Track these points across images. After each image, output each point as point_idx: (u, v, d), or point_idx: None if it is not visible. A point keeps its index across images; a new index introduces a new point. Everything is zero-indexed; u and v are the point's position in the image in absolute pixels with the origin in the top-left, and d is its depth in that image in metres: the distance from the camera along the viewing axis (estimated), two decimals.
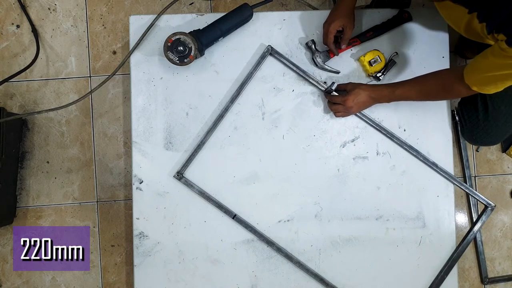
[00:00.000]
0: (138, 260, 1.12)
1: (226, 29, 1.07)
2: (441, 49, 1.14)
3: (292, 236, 1.13)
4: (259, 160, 1.13)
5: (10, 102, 1.60)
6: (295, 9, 1.57)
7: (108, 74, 1.47)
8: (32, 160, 1.59)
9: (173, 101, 1.12)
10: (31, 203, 1.58)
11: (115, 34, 1.60)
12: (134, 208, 1.12)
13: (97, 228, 1.57)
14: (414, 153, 1.12)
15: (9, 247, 1.57)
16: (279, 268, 1.13)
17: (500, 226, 1.62)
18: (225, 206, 1.11)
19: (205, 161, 1.12)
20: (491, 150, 1.63)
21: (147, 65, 1.12)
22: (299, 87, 1.13)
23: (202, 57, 1.10)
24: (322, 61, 1.10)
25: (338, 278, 1.13)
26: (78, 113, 1.60)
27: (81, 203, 1.57)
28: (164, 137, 1.12)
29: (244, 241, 1.12)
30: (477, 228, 1.17)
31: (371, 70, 1.11)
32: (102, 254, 1.57)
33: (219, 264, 1.13)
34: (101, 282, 1.57)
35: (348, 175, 1.13)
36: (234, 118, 1.12)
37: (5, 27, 1.61)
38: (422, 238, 1.14)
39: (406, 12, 1.12)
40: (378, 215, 1.14)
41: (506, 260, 1.61)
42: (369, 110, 1.12)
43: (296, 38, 1.13)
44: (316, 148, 1.13)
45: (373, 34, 1.12)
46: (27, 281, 1.57)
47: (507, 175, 1.63)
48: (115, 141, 1.58)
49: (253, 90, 1.12)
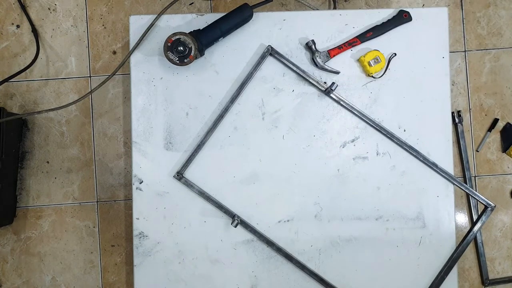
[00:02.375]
0: (138, 260, 1.12)
1: (226, 29, 1.07)
2: (441, 49, 1.14)
3: (292, 236, 1.13)
4: (259, 160, 1.13)
5: (10, 102, 1.60)
6: (295, 9, 1.57)
7: (108, 74, 1.48)
8: (32, 160, 1.59)
9: (173, 101, 1.12)
10: (31, 203, 1.58)
11: (115, 34, 1.60)
12: (134, 208, 1.12)
13: (97, 228, 1.57)
14: (414, 153, 1.12)
15: (9, 247, 1.57)
16: (279, 268, 1.13)
17: (500, 226, 1.62)
18: (225, 206, 1.11)
19: (205, 161, 1.12)
20: (491, 150, 1.63)
21: (147, 65, 1.12)
22: (299, 87, 1.13)
23: (202, 57, 1.11)
24: (322, 61, 1.10)
25: (338, 278, 1.13)
26: (78, 113, 1.60)
27: (81, 203, 1.58)
28: (164, 137, 1.12)
29: (244, 241, 1.12)
30: (477, 228, 1.17)
31: (371, 70, 1.11)
32: (102, 254, 1.57)
33: (219, 264, 1.13)
34: (101, 282, 1.57)
35: (348, 175, 1.14)
36: (234, 118, 1.12)
37: (5, 27, 1.62)
38: (422, 238, 1.14)
39: (406, 12, 1.12)
40: (378, 215, 1.14)
41: (506, 260, 1.61)
42: (369, 110, 1.13)
43: (296, 38, 1.13)
44: (316, 148, 1.13)
45: (373, 34, 1.12)
46: (27, 281, 1.57)
47: (507, 175, 1.63)
48: (115, 141, 1.58)
49: (253, 90, 1.12)
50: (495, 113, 1.64)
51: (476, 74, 1.64)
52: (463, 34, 1.63)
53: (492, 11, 1.65)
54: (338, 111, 1.13)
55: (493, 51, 1.64)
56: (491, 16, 1.65)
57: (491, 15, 1.65)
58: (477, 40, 1.64)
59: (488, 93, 1.64)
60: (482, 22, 1.65)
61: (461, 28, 1.64)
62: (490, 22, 1.65)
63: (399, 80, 1.13)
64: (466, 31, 1.64)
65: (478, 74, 1.64)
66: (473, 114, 1.63)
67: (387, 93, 1.13)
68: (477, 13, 1.65)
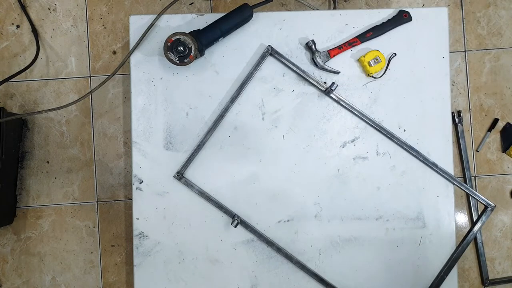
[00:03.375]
0: (138, 260, 1.12)
1: (226, 29, 1.07)
2: (441, 49, 1.14)
3: (292, 236, 1.13)
4: (259, 160, 1.13)
5: (10, 102, 1.60)
6: (295, 9, 1.57)
7: (108, 74, 1.48)
8: (32, 160, 1.59)
9: (173, 101, 1.12)
10: (31, 203, 1.58)
11: (115, 34, 1.60)
12: (134, 208, 1.12)
13: (97, 228, 1.57)
14: (414, 153, 1.12)
15: (9, 247, 1.57)
16: (279, 268, 1.13)
17: (500, 226, 1.62)
18: (225, 206, 1.11)
19: (205, 161, 1.12)
20: (491, 150, 1.63)
21: (147, 65, 1.12)
22: (299, 87, 1.13)
23: (202, 57, 1.11)
24: (322, 61, 1.10)
25: (338, 278, 1.13)
26: (78, 113, 1.60)
27: (81, 203, 1.58)
28: (164, 137, 1.12)
29: (244, 241, 1.12)
30: (477, 228, 1.17)
31: (371, 70, 1.11)
32: (102, 254, 1.57)
33: (219, 264, 1.13)
34: (101, 282, 1.57)
35: (348, 175, 1.14)
36: (234, 118, 1.12)
37: (5, 27, 1.62)
38: (422, 238, 1.14)
39: (406, 12, 1.12)
40: (378, 215, 1.14)
41: (506, 260, 1.61)
42: (369, 110, 1.13)
43: (296, 38, 1.13)
44: (316, 148, 1.13)
45: (373, 34, 1.12)
46: (27, 281, 1.57)
47: (507, 175, 1.63)
48: (115, 141, 1.58)
49: (253, 90, 1.12)
50: (495, 113, 1.64)
51: (476, 74, 1.64)
52: (463, 34, 1.64)
53: (492, 11, 1.65)
54: (338, 111, 1.14)
55: (493, 51, 1.64)
56: (491, 16, 1.65)
57: (491, 15, 1.65)
58: (477, 40, 1.64)
59: (488, 93, 1.64)
60: (482, 22, 1.65)
61: (461, 28, 1.64)
62: (490, 22, 1.65)
63: (399, 80, 1.13)
64: (466, 31, 1.64)
65: (478, 74, 1.64)
66: (473, 114, 1.63)
67: (387, 93, 1.13)
68: (477, 13, 1.65)
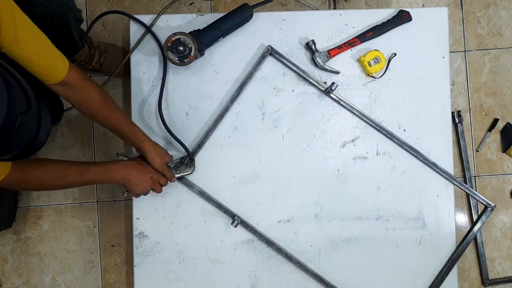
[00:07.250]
0: (138, 260, 1.12)
1: (226, 29, 1.07)
2: (441, 49, 1.14)
3: (292, 236, 1.13)
4: (259, 160, 1.13)
5: None
6: (295, 9, 1.57)
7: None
8: None
9: (173, 101, 1.12)
10: (31, 203, 1.58)
11: (115, 34, 1.60)
12: (134, 208, 1.12)
13: (97, 228, 1.57)
14: (414, 153, 1.12)
15: (9, 247, 1.57)
16: (279, 268, 1.13)
17: (500, 226, 1.62)
18: (225, 206, 1.11)
19: (205, 161, 1.12)
20: (491, 150, 1.63)
21: (147, 65, 1.12)
22: (299, 87, 1.13)
23: (202, 57, 1.10)
24: (322, 61, 1.10)
25: (338, 278, 1.13)
26: (78, 113, 1.60)
27: (81, 203, 1.57)
28: (164, 137, 1.12)
29: (244, 241, 1.12)
30: (477, 228, 1.17)
31: (371, 70, 1.11)
32: (102, 254, 1.57)
33: (219, 264, 1.13)
34: (101, 282, 1.57)
35: (348, 175, 1.14)
36: (234, 118, 1.12)
37: None
38: (422, 238, 1.14)
39: (406, 12, 1.12)
40: (378, 215, 1.14)
41: (506, 260, 1.61)
42: (369, 110, 1.13)
43: (296, 38, 1.13)
44: (316, 148, 1.13)
45: (373, 34, 1.12)
46: (27, 281, 1.57)
47: (507, 175, 1.63)
48: (115, 141, 1.58)
49: (253, 90, 1.12)
50: (495, 113, 1.64)
51: (476, 74, 1.64)
52: (463, 34, 1.63)
53: (492, 11, 1.65)
54: (338, 111, 1.13)
55: (493, 51, 1.64)
56: (491, 16, 1.65)
57: (491, 15, 1.65)
58: (477, 40, 1.64)
59: (488, 93, 1.63)
60: (482, 22, 1.65)
61: (461, 28, 1.63)
62: (490, 22, 1.64)
63: (399, 80, 1.13)
64: (466, 31, 1.63)
65: (478, 74, 1.64)
66: (473, 114, 1.63)
67: (387, 93, 1.13)
68: (477, 13, 1.64)
